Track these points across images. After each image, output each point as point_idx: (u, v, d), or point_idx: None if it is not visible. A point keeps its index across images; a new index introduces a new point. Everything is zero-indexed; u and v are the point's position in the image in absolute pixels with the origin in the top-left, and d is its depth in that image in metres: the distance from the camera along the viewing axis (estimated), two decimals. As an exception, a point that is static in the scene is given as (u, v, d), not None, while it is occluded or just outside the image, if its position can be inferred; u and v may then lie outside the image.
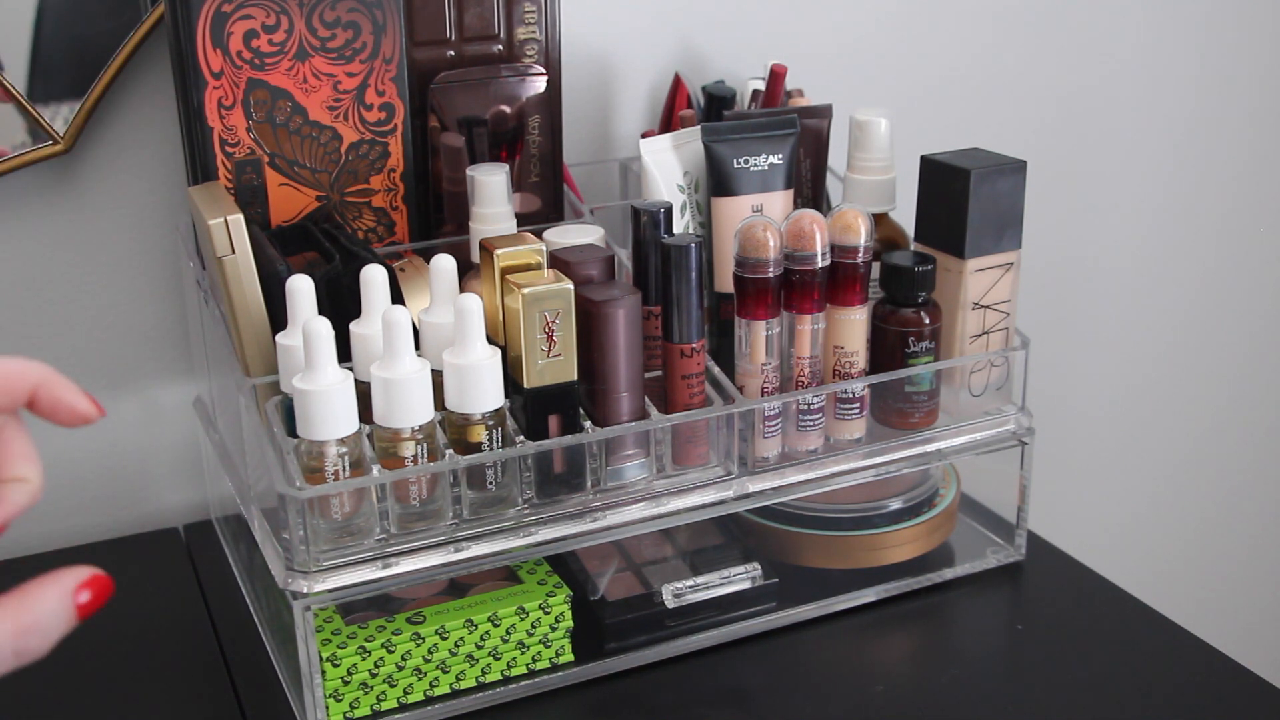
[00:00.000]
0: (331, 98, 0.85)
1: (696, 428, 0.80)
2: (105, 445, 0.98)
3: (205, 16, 0.80)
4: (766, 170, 0.86)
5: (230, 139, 0.83)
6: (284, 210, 0.86)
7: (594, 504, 0.78)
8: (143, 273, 0.96)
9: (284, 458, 0.72)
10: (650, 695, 0.80)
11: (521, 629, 0.79)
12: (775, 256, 0.80)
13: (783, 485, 0.83)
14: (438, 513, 0.74)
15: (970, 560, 0.92)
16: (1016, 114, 1.26)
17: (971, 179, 0.84)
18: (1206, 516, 1.59)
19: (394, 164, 0.88)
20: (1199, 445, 1.55)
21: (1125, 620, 0.88)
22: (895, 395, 0.87)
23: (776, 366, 0.82)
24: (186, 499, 1.02)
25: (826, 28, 1.14)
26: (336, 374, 0.70)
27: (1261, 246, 1.48)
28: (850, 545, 0.89)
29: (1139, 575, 1.08)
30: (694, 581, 0.84)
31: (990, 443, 0.90)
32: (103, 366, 0.97)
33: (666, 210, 0.79)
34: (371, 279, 0.74)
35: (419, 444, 0.72)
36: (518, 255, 0.76)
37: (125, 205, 0.95)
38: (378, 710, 0.77)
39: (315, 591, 0.72)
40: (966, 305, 0.87)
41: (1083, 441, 1.44)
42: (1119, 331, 1.42)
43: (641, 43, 1.07)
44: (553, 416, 0.76)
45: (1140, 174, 1.37)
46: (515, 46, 0.90)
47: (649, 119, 1.09)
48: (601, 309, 0.75)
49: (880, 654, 0.86)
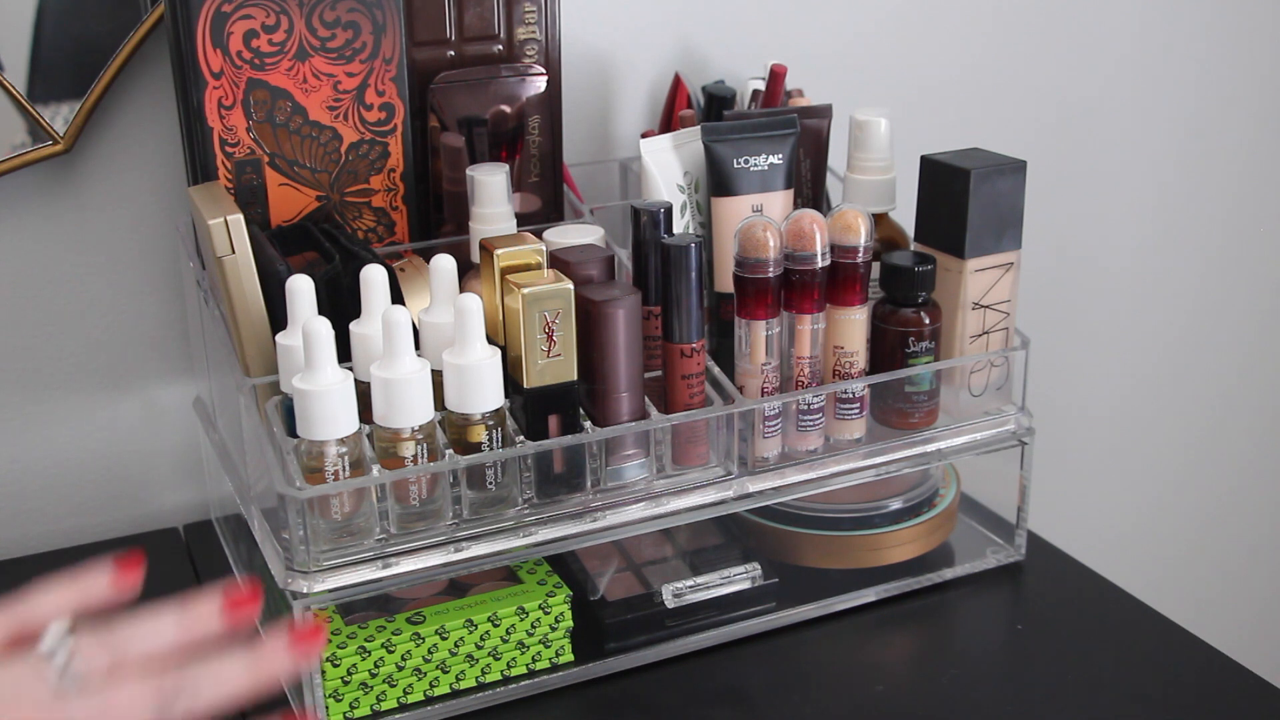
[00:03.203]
0: (331, 98, 0.85)
1: (696, 428, 0.80)
2: (105, 445, 0.99)
3: (205, 16, 0.80)
4: (766, 170, 0.86)
5: (230, 139, 0.83)
6: (284, 210, 0.86)
7: (594, 504, 0.78)
8: (143, 273, 0.96)
9: (284, 458, 0.72)
10: (650, 695, 0.80)
11: (521, 629, 0.79)
12: (775, 256, 0.80)
13: (783, 485, 0.83)
14: (438, 513, 0.74)
15: (970, 560, 0.92)
16: (1016, 114, 1.26)
17: (971, 179, 0.84)
18: (1206, 516, 1.59)
19: (394, 164, 0.88)
20: (1199, 445, 1.55)
21: (1125, 620, 0.87)
22: (895, 395, 0.86)
23: (776, 366, 0.82)
24: (186, 499, 1.02)
25: (826, 28, 1.14)
26: (336, 374, 0.70)
27: (1261, 246, 1.48)
28: (850, 545, 0.89)
29: (1139, 575, 1.08)
30: (694, 581, 0.84)
31: (990, 443, 0.90)
32: (103, 366, 0.97)
33: (666, 210, 0.79)
34: (371, 279, 0.74)
35: (419, 444, 0.72)
36: (518, 255, 0.76)
37: (125, 205, 0.95)
38: (378, 710, 0.77)
39: (315, 591, 0.72)
40: (966, 305, 0.87)
41: (1083, 441, 1.44)
42: (1119, 331, 1.42)
43: (641, 43, 1.07)
44: (553, 416, 0.76)
45: (1140, 174, 1.37)
46: (515, 46, 0.90)
47: (649, 119, 1.09)
48: (601, 309, 0.75)
49: (880, 654, 0.86)
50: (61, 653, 0.48)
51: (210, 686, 0.49)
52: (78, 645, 0.49)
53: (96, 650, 0.49)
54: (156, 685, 0.48)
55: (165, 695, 0.48)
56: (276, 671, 0.50)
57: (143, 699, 0.48)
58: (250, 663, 0.50)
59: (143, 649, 0.50)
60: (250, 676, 0.50)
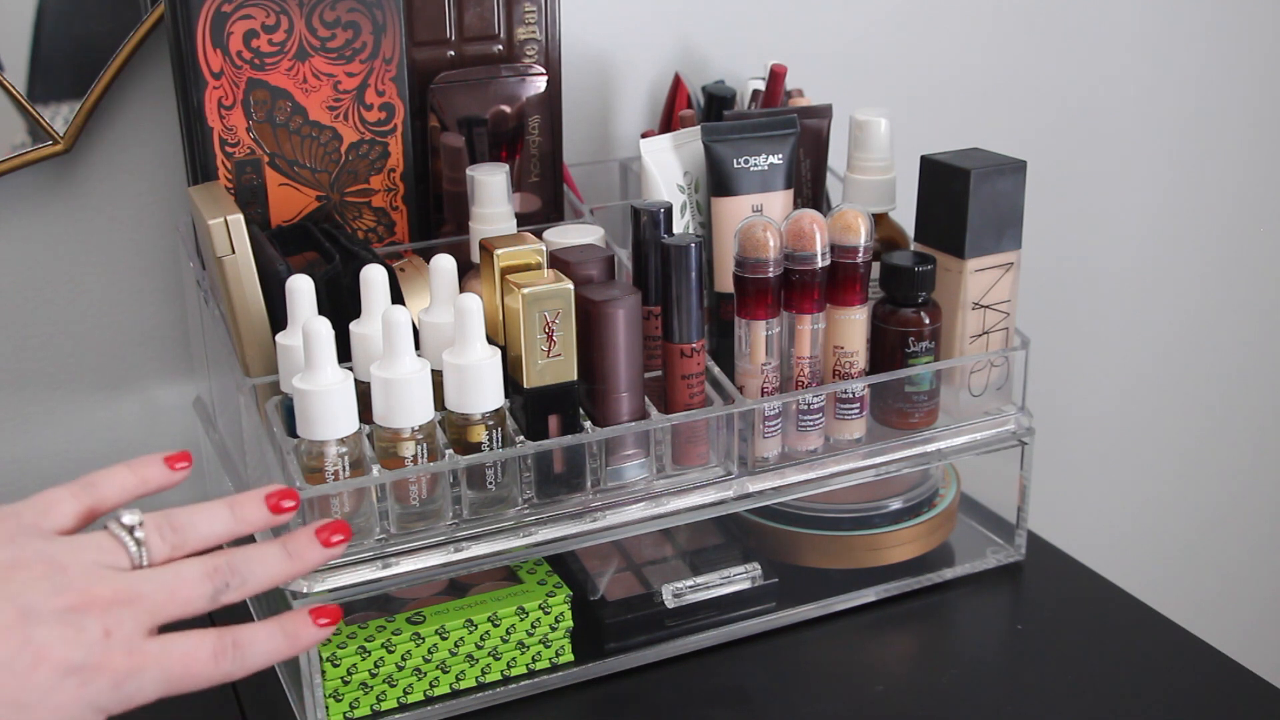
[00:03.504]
0: (331, 98, 0.85)
1: (696, 428, 0.80)
2: (105, 445, 0.98)
3: (205, 16, 0.80)
4: (766, 170, 0.86)
5: (230, 139, 0.83)
6: (284, 210, 0.86)
7: (594, 504, 0.78)
8: (143, 273, 0.96)
9: (284, 458, 0.72)
10: (650, 695, 0.80)
11: (521, 629, 0.79)
12: (775, 256, 0.80)
13: (783, 485, 0.83)
14: (437, 513, 0.74)
15: (970, 560, 0.92)
16: (1016, 114, 1.26)
17: (971, 179, 0.84)
18: (1206, 516, 1.59)
19: (394, 164, 0.88)
20: (1199, 445, 1.55)
21: (1125, 620, 0.88)
22: (895, 395, 0.87)
23: (776, 366, 0.82)
24: (186, 499, 1.02)
25: (826, 28, 1.14)
26: (336, 374, 0.70)
27: (1261, 246, 1.48)
28: (850, 545, 0.89)
29: (1139, 575, 1.09)
30: (694, 581, 0.84)
31: (990, 443, 0.90)
32: (103, 366, 0.97)
33: (666, 210, 0.79)
34: (371, 279, 0.74)
35: (419, 444, 0.72)
36: (518, 255, 0.76)
37: (125, 205, 0.95)
38: (378, 710, 0.77)
39: (315, 591, 0.72)
40: (966, 305, 0.87)
41: (1083, 441, 1.44)
42: (1119, 331, 1.42)
43: (641, 43, 1.07)
44: (553, 416, 0.76)
45: (1140, 174, 1.37)
46: (515, 46, 0.90)
47: (649, 119, 1.09)
48: (601, 309, 0.75)
49: (880, 654, 0.86)
50: (136, 529, 0.55)
51: (257, 571, 0.56)
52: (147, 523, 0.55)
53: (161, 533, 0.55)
54: (212, 566, 0.55)
55: (219, 576, 0.55)
56: (311, 562, 0.58)
57: (201, 578, 0.55)
58: (289, 552, 0.57)
59: (199, 535, 0.56)
60: (290, 564, 0.57)
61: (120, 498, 0.58)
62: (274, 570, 0.57)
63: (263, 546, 0.57)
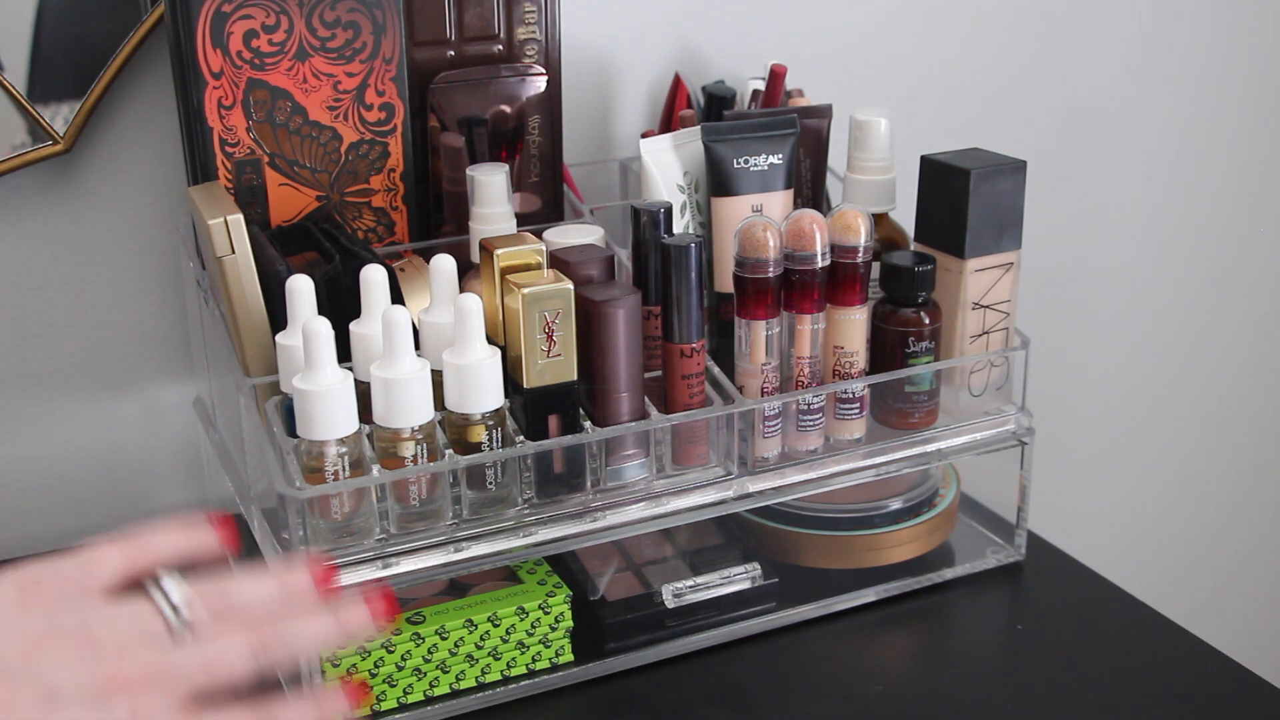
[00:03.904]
0: (331, 98, 0.85)
1: (696, 428, 0.80)
2: (105, 445, 0.98)
3: (205, 16, 0.80)
4: (766, 170, 0.86)
5: (230, 139, 0.83)
6: (284, 210, 0.86)
7: (594, 504, 0.78)
8: (143, 273, 0.96)
9: (284, 458, 0.72)
10: (650, 695, 0.80)
11: (521, 629, 0.79)
12: (775, 256, 0.80)
13: (783, 485, 0.83)
14: (437, 513, 0.74)
15: (970, 560, 0.92)
16: (1016, 114, 1.26)
17: (971, 179, 0.84)
18: (1206, 516, 1.59)
19: (394, 164, 0.88)
20: (1199, 445, 1.55)
21: (1125, 620, 0.87)
22: (895, 395, 0.87)
23: (776, 366, 0.82)
24: (186, 499, 1.02)
25: (826, 28, 1.14)
26: (336, 374, 0.70)
27: (1261, 246, 1.48)
28: (850, 545, 0.89)
29: (1139, 575, 1.08)
30: (694, 581, 0.84)
31: (990, 443, 0.90)
32: (103, 366, 0.97)
33: (666, 210, 0.79)
34: (371, 279, 0.74)
35: (419, 444, 0.72)
36: (518, 255, 0.76)
37: (125, 205, 0.95)
38: (378, 710, 0.77)
39: (315, 592, 0.72)
40: (966, 305, 0.87)
41: (1083, 441, 1.44)
42: (1119, 331, 1.42)
43: (641, 43, 1.07)
44: (553, 416, 0.76)
45: (1140, 174, 1.37)
46: (515, 46, 0.90)
47: (649, 119, 1.09)
48: (601, 309, 0.75)
49: (880, 654, 0.86)
50: (177, 596, 0.52)
51: (302, 641, 0.53)
52: (190, 592, 0.52)
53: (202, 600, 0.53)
54: (255, 637, 0.52)
55: (262, 647, 0.52)
56: (358, 631, 0.55)
57: (243, 649, 0.52)
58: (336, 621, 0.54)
59: (242, 603, 0.53)
60: (336, 634, 0.54)
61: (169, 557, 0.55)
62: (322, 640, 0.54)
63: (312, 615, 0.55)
